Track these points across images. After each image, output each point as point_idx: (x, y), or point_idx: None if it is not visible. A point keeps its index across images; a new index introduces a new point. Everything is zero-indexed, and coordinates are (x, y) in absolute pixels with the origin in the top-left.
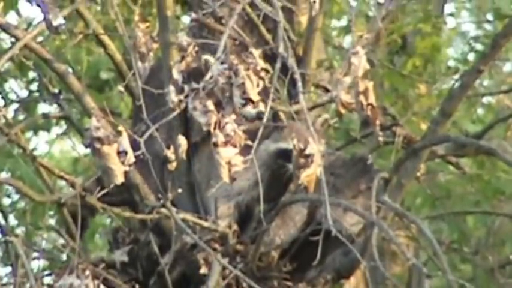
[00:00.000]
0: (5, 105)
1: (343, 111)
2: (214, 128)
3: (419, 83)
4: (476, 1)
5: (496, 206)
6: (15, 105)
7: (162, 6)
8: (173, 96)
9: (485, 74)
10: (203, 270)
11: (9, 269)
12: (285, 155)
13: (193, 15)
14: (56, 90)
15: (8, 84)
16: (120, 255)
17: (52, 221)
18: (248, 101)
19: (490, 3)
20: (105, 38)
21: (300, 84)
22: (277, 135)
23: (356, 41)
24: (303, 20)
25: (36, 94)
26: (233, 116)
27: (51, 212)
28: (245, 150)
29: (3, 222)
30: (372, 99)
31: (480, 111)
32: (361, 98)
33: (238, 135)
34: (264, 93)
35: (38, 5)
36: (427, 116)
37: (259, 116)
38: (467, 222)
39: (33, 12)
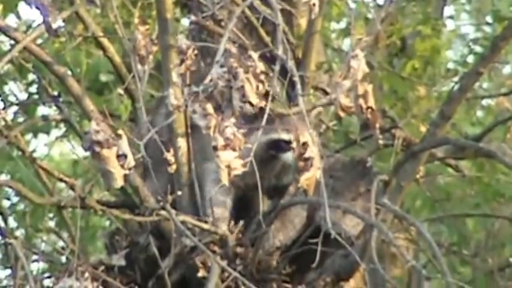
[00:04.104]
0: (5, 108)
1: (342, 114)
2: (214, 132)
3: (418, 86)
4: (476, 3)
5: (496, 208)
6: (14, 108)
7: (162, 9)
8: (172, 99)
9: (484, 76)
10: (201, 273)
11: (8, 271)
12: (276, 145)
13: (193, 18)
14: (56, 93)
15: (8, 86)
16: (118, 260)
17: (52, 223)
18: (247, 103)
19: (489, 5)
20: (105, 41)
21: (299, 86)
22: (268, 126)
23: (355, 44)
24: (302, 22)
25: (36, 96)
26: (232, 119)
27: (51, 214)
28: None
29: (2, 224)
30: (371, 102)
31: (479, 113)
32: (361, 100)
33: (237, 138)
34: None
35: (38, 8)
36: (427, 119)
37: None
38: (467, 224)
39: (33, 15)
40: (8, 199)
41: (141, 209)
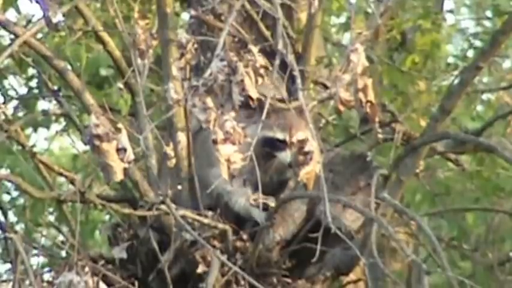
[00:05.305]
0: (5, 102)
1: (342, 108)
2: (214, 125)
3: (418, 80)
4: None
5: (496, 202)
6: (14, 102)
7: (162, 3)
8: (172, 93)
9: (484, 70)
10: (201, 268)
11: (8, 265)
12: (271, 144)
13: (193, 12)
14: (56, 87)
15: (8, 81)
16: (119, 252)
17: (51, 218)
18: (247, 98)
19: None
20: (105, 35)
21: (299, 81)
22: (263, 122)
23: (355, 38)
24: (302, 16)
25: (36, 91)
26: (232, 113)
27: (51, 209)
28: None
29: (2, 218)
30: (371, 96)
31: (479, 108)
32: (360, 94)
33: (237, 132)
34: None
35: (38, 2)
36: (427, 113)
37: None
38: (467, 219)
39: (33, 9)
40: (8, 193)
41: (141, 203)
